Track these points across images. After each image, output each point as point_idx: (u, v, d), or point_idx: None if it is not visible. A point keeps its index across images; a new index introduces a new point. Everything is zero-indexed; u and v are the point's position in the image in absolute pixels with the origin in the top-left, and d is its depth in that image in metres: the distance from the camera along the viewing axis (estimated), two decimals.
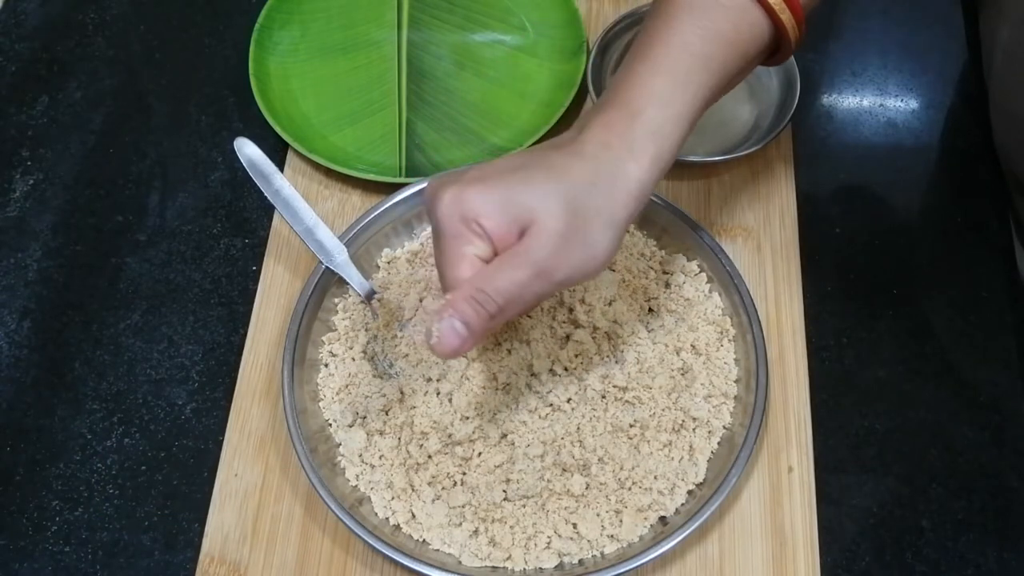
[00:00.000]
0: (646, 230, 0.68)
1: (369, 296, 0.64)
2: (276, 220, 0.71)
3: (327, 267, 0.64)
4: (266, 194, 0.66)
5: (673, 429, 0.61)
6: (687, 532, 0.56)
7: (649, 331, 0.64)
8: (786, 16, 0.53)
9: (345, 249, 0.64)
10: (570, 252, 0.49)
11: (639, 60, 0.52)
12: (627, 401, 0.61)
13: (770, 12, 0.53)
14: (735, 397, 0.62)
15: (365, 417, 0.61)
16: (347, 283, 0.65)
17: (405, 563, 0.56)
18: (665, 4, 0.53)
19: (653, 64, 0.52)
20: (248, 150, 0.65)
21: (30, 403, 0.66)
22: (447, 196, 0.50)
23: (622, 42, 0.76)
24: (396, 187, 0.68)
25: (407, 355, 0.63)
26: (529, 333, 0.63)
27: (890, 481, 0.62)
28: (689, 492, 0.59)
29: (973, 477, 0.62)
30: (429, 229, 0.68)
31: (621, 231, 0.51)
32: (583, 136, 0.51)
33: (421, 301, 0.65)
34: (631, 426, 0.60)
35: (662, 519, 0.59)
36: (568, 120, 0.73)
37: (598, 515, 0.58)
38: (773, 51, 0.56)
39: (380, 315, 0.65)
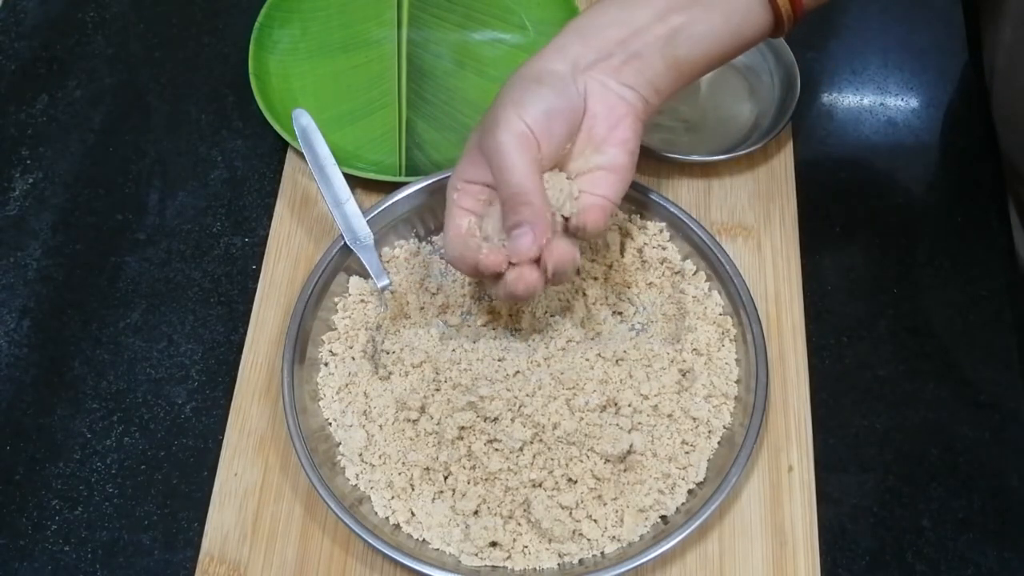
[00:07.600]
0: (646, 229, 0.67)
1: (384, 286, 0.64)
2: (276, 219, 0.71)
3: (345, 245, 0.64)
4: (308, 162, 0.67)
5: (674, 429, 0.61)
6: (687, 532, 0.56)
7: (648, 332, 0.64)
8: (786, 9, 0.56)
9: (372, 234, 0.65)
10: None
11: None
12: (628, 403, 0.61)
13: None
14: (735, 397, 0.62)
15: (365, 416, 0.61)
16: (348, 280, 0.65)
17: (405, 562, 0.56)
18: None
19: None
20: (303, 120, 0.69)
21: (30, 402, 0.66)
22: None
23: None
24: (396, 186, 0.68)
25: (407, 349, 0.63)
26: (524, 340, 0.63)
27: (890, 481, 0.62)
28: (689, 491, 0.59)
29: (973, 477, 0.62)
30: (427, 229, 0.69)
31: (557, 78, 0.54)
32: None
33: (433, 295, 0.66)
34: (632, 428, 0.60)
35: (663, 518, 0.59)
36: None
37: (598, 515, 0.58)
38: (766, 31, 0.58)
39: (390, 307, 0.65)
